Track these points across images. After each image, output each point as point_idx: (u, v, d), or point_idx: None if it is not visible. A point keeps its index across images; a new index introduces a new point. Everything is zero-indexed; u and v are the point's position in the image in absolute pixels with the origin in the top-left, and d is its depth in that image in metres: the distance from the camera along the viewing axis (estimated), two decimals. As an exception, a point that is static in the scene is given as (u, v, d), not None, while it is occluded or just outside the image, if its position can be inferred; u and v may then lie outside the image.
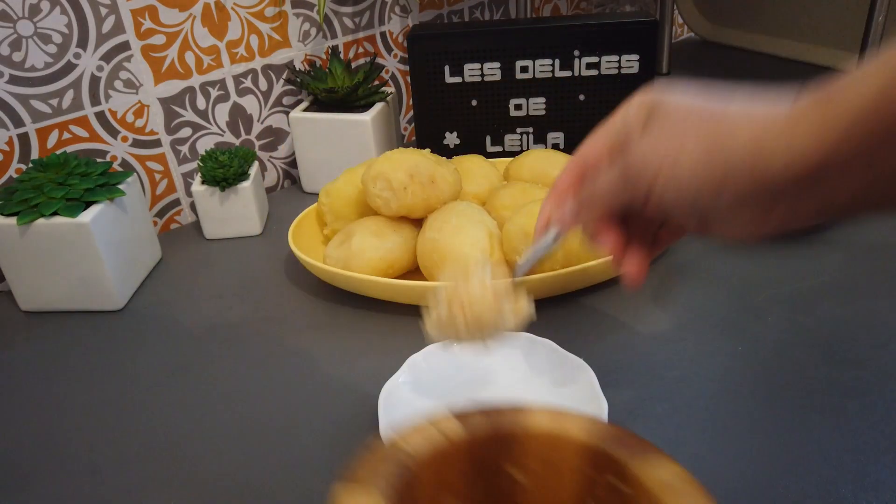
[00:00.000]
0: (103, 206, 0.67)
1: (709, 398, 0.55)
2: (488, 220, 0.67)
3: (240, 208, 0.80)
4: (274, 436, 0.54)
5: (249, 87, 0.88)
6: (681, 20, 1.39)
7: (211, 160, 0.79)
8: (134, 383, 0.61)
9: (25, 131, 0.73)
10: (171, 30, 0.80)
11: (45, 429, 0.57)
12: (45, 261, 0.67)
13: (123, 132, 0.80)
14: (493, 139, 0.88)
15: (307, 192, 0.92)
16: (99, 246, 0.66)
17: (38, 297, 0.70)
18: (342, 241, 0.68)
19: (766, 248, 0.73)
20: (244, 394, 0.59)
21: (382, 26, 0.98)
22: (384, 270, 0.67)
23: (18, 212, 0.65)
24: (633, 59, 0.81)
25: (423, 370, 0.56)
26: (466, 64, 0.82)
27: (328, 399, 0.58)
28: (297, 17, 0.90)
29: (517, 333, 0.59)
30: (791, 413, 0.53)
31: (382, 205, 0.68)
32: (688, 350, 0.60)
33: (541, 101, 0.84)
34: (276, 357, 0.63)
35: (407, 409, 0.53)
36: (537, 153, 0.78)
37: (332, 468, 0.51)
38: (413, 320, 0.66)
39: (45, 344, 0.67)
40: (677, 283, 0.69)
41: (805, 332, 0.61)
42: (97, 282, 0.68)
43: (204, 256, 0.80)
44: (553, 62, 0.82)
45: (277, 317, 0.68)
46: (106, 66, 0.76)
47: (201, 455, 0.53)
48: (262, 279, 0.74)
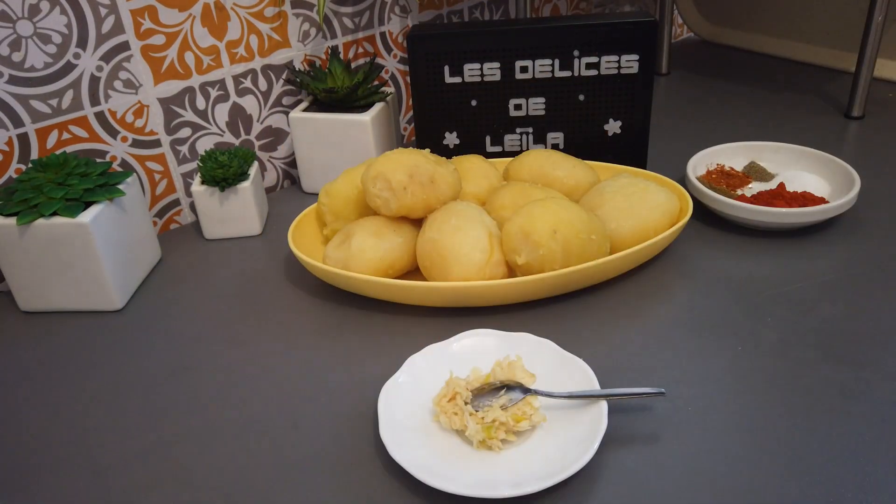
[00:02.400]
0: (103, 206, 0.67)
1: (709, 398, 0.55)
2: (488, 220, 0.67)
3: (239, 208, 0.80)
4: (274, 435, 0.54)
5: (249, 87, 0.88)
6: (681, 20, 1.39)
7: (211, 160, 0.79)
8: (134, 383, 0.61)
9: (25, 131, 0.73)
10: (171, 30, 0.80)
11: (45, 429, 0.57)
12: (45, 261, 0.67)
13: (123, 132, 0.80)
14: (492, 139, 0.88)
15: (307, 192, 0.92)
16: (99, 246, 0.66)
17: (38, 297, 0.70)
18: (342, 242, 0.68)
19: (766, 248, 0.73)
20: (244, 394, 0.59)
21: (382, 26, 0.98)
22: (384, 271, 0.67)
23: (18, 212, 0.65)
24: (632, 59, 0.81)
25: (423, 370, 0.56)
26: (466, 64, 0.82)
27: (328, 399, 0.58)
28: (297, 18, 0.90)
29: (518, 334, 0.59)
30: (791, 413, 0.53)
31: (382, 205, 0.68)
32: (688, 350, 0.60)
33: (541, 101, 0.84)
34: (276, 357, 0.63)
35: (407, 409, 0.53)
36: (537, 153, 0.78)
37: (333, 468, 0.51)
38: (413, 320, 0.66)
39: (45, 344, 0.67)
40: (677, 283, 0.69)
41: (805, 332, 0.61)
42: (97, 282, 0.68)
43: (204, 256, 0.80)
44: (553, 62, 0.82)
45: (277, 317, 0.68)
46: (106, 67, 0.76)
47: (201, 454, 0.53)
48: (262, 279, 0.74)
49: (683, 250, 0.73)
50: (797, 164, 0.83)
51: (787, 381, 0.56)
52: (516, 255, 0.63)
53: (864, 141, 0.95)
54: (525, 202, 0.67)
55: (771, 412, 0.53)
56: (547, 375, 0.55)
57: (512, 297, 0.66)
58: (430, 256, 0.65)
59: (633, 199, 0.69)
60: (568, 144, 0.87)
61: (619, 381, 0.56)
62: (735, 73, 1.20)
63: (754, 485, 0.47)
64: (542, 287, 0.64)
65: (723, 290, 0.67)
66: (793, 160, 0.84)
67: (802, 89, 1.11)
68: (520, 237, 0.63)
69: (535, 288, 0.64)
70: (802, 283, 0.67)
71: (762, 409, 0.53)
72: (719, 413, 0.53)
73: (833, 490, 0.46)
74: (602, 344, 0.61)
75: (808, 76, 1.16)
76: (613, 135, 0.86)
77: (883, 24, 0.93)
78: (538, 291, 0.65)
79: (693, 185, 0.77)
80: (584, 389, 0.53)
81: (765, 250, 0.72)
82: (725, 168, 0.84)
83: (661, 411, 0.54)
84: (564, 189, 0.75)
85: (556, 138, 0.87)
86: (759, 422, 0.52)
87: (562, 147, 0.87)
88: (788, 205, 0.74)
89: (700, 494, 0.47)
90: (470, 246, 0.63)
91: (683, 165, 0.81)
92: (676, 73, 1.23)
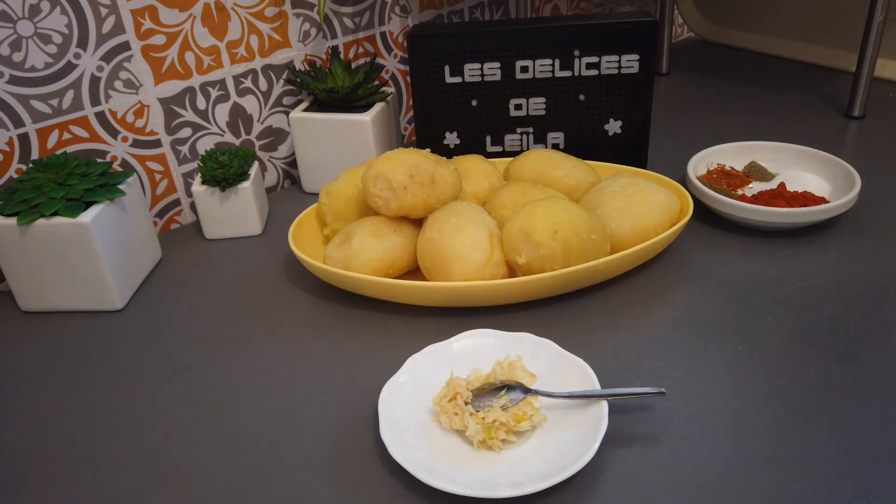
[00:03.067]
0: (103, 206, 0.67)
1: (709, 398, 0.55)
2: (488, 219, 0.67)
3: (240, 208, 0.80)
4: (274, 435, 0.54)
5: (249, 87, 0.88)
6: (681, 20, 1.39)
7: (211, 160, 0.79)
8: (134, 383, 0.61)
9: (25, 131, 0.73)
10: (171, 30, 0.80)
11: (45, 429, 0.57)
12: (45, 261, 0.67)
13: (123, 132, 0.80)
14: (493, 139, 0.88)
15: (307, 192, 0.92)
16: (99, 246, 0.66)
17: (38, 297, 0.70)
18: (342, 241, 0.68)
19: (766, 248, 0.73)
20: (244, 393, 0.59)
21: (382, 26, 0.98)
22: (384, 270, 0.67)
23: (18, 212, 0.65)
24: (633, 59, 0.81)
25: (423, 370, 0.56)
26: (466, 64, 0.82)
27: (328, 398, 0.58)
28: (297, 18, 0.90)
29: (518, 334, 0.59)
30: (791, 413, 0.53)
31: (382, 205, 0.68)
32: (688, 350, 0.60)
33: (541, 101, 0.84)
34: (277, 357, 0.63)
35: (407, 409, 0.53)
36: (537, 153, 0.78)
37: (333, 468, 0.51)
38: (413, 320, 0.66)
39: (45, 344, 0.67)
40: (678, 283, 0.69)
41: (805, 332, 0.61)
42: (97, 282, 0.68)
43: (204, 256, 0.80)
44: (553, 62, 0.82)
45: (277, 317, 0.68)
46: (106, 67, 0.76)
47: (201, 454, 0.53)
48: (262, 279, 0.74)
49: (684, 250, 0.73)
50: (797, 163, 0.83)
51: (787, 380, 0.56)
52: (517, 254, 0.63)
53: (864, 141, 0.95)
54: (525, 202, 0.67)
55: (771, 412, 0.53)
56: (547, 376, 0.55)
57: (512, 297, 0.66)
58: (431, 256, 0.65)
59: (633, 199, 0.69)
60: (568, 144, 0.87)
61: (619, 381, 0.56)
62: (735, 73, 1.20)
63: (754, 485, 0.47)
64: (542, 287, 0.64)
65: (723, 289, 0.67)
66: (793, 160, 0.84)
67: (802, 89, 1.11)
68: (520, 237, 0.63)
69: (536, 288, 0.64)
70: (802, 283, 0.67)
71: (762, 409, 0.53)
72: (720, 413, 0.53)
73: (833, 490, 0.46)
74: (603, 343, 0.61)
75: (808, 76, 1.16)
76: (614, 135, 0.86)
77: (883, 24, 0.93)
78: (539, 291, 0.65)
79: (693, 185, 0.77)
80: (584, 389, 0.53)
81: (765, 250, 0.72)
82: (726, 168, 0.84)
83: (661, 411, 0.54)
84: (565, 189, 0.75)
85: (556, 138, 0.87)
86: (760, 421, 0.52)
87: (562, 147, 0.87)
88: (789, 204, 0.74)
89: (700, 494, 0.47)
90: (470, 246, 0.63)
91: (684, 165, 0.81)
92: (676, 73, 1.23)
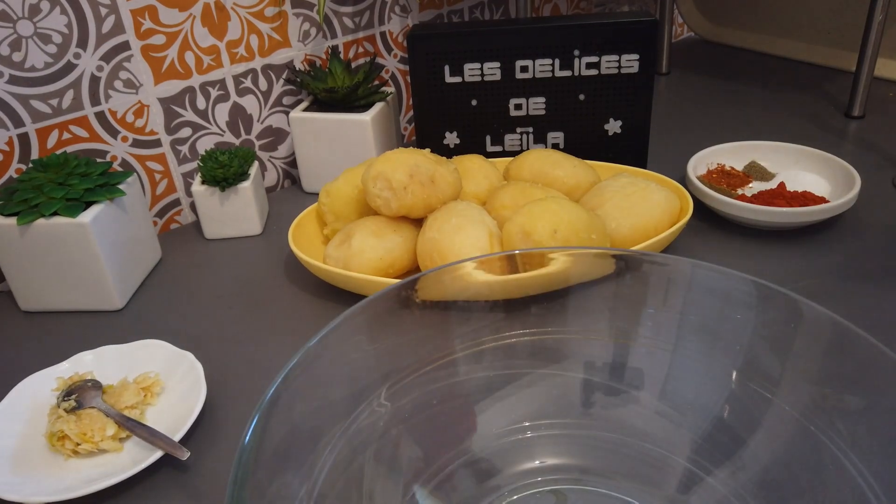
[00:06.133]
0: (103, 206, 0.67)
1: (709, 398, 0.55)
2: (488, 219, 0.67)
3: (240, 208, 0.80)
4: (274, 436, 0.54)
5: (249, 86, 0.88)
6: (681, 20, 1.39)
7: (211, 160, 0.79)
8: (134, 383, 0.61)
9: (25, 131, 0.73)
10: (171, 30, 0.80)
11: (45, 429, 0.57)
12: (45, 261, 0.67)
13: (123, 132, 0.80)
14: (493, 139, 0.88)
15: (307, 192, 0.92)
16: (99, 246, 0.66)
17: (38, 297, 0.70)
18: (342, 241, 0.68)
19: (766, 248, 0.73)
20: (244, 394, 0.59)
21: (382, 26, 0.98)
22: (384, 270, 0.67)
23: (18, 212, 0.65)
24: (633, 59, 0.81)
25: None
26: (466, 64, 0.82)
27: (328, 399, 0.57)
28: (297, 17, 0.90)
29: None
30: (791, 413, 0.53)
31: (382, 205, 0.68)
32: (688, 350, 0.60)
33: (541, 101, 0.84)
34: (277, 357, 0.63)
35: None
36: (537, 153, 0.78)
37: (333, 468, 0.51)
38: (413, 320, 0.66)
39: (45, 344, 0.67)
40: (677, 283, 0.69)
41: (805, 332, 0.61)
42: (97, 282, 0.68)
43: (204, 256, 0.80)
44: (553, 62, 0.82)
45: (277, 317, 0.68)
46: (106, 66, 0.76)
47: (201, 455, 0.53)
48: (262, 279, 0.74)
49: (684, 250, 0.73)
50: (797, 163, 0.83)
51: (787, 380, 0.56)
52: (517, 254, 0.63)
53: (864, 140, 0.95)
54: (525, 202, 0.67)
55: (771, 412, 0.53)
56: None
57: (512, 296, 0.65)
58: (431, 256, 0.65)
59: (633, 199, 0.69)
60: (568, 144, 0.87)
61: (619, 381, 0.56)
62: (735, 72, 1.20)
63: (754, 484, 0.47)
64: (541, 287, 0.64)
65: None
66: (793, 160, 0.84)
67: (802, 89, 1.11)
68: (520, 237, 0.63)
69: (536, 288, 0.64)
70: (802, 283, 0.67)
71: (762, 409, 0.53)
72: (719, 413, 0.53)
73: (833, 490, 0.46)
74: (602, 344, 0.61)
75: (808, 76, 1.16)
76: (614, 134, 0.86)
77: (883, 23, 0.93)
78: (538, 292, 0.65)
79: (693, 185, 0.77)
80: None
81: (765, 250, 0.72)
82: (726, 168, 0.84)
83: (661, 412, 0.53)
84: (565, 189, 0.75)
85: (556, 138, 0.87)
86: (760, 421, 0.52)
87: (562, 147, 0.87)
88: (789, 204, 0.74)
89: (700, 494, 0.47)
90: (470, 245, 0.63)
91: (684, 165, 0.81)
92: (676, 73, 1.23)
